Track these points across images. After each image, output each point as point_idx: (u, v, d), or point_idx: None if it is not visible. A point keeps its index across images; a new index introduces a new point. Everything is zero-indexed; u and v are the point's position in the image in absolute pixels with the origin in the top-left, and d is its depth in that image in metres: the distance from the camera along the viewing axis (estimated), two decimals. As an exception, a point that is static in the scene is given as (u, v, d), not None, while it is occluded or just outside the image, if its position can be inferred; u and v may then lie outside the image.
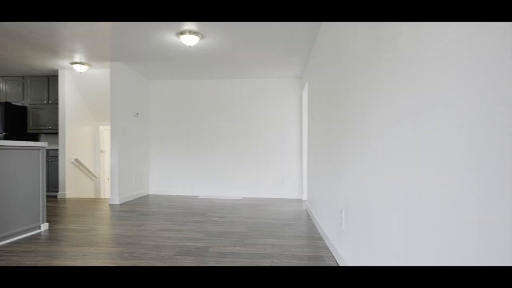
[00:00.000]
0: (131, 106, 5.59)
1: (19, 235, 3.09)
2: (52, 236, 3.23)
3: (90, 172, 6.41)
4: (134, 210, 4.65)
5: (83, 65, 5.15)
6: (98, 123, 6.75)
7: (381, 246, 1.58)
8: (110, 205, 5.09)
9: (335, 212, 2.74)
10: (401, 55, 1.35)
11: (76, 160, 5.94)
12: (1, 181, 2.86)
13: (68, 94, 5.77)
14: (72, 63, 5.13)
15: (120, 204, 5.13)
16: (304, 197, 5.92)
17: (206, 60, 5.00)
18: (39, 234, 3.28)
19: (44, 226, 3.42)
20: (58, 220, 3.97)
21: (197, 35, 3.92)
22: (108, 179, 7.43)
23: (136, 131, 5.79)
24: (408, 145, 1.28)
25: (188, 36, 3.87)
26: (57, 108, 5.94)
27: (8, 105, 5.69)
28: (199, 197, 6.09)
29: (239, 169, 6.23)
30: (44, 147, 3.37)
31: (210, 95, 6.30)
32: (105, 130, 7.12)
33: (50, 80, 5.97)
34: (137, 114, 5.82)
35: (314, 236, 3.32)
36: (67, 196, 5.77)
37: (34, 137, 6.28)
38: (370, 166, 1.76)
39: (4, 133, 5.59)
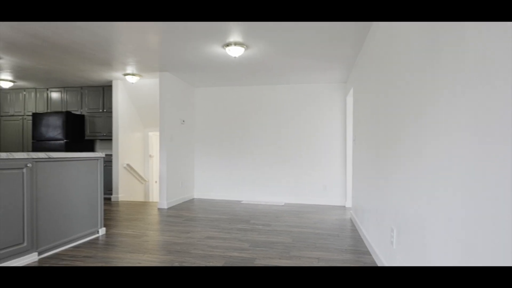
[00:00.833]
0: (177, 113, 5.81)
1: (80, 239, 3.35)
2: (109, 241, 3.46)
3: (140, 176, 6.76)
4: (181, 215, 4.83)
5: (134, 76, 5.45)
6: (147, 129, 7.10)
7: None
8: (158, 209, 5.33)
9: (384, 227, 2.64)
10: (466, 58, 1.27)
11: (128, 165, 6.30)
12: (66, 189, 3.12)
13: (121, 103, 6.15)
14: (125, 74, 5.45)
15: (168, 209, 5.36)
16: (348, 204, 5.78)
17: (250, 68, 5.07)
18: (97, 238, 3.53)
19: (102, 231, 3.67)
20: (113, 224, 4.24)
21: (242, 46, 3.98)
22: (156, 182, 7.80)
23: (182, 138, 6.01)
24: (473, 162, 1.20)
25: (234, 47, 3.95)
26: (111, 116, 6.34)
27: (68, 114, 6.18)
28: (242, 202, 6.18)
29: (282, 174, 6.23)
30: (102, 157, 3.61)
31: (253, 101, 6.37)
32: (153, 136, 7.47)
33: (105, 90, 6.39)
34: (183, 121, 6.04)
35: (361, 250, 3.23)
36: (120, 199, 6.14)
37: (91, 143, 6.76)
38: (426, 183, 1.68)
39: (65, 140, 6.08)
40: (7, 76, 5.64)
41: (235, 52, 4.00)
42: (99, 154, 3.56)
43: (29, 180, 2.68)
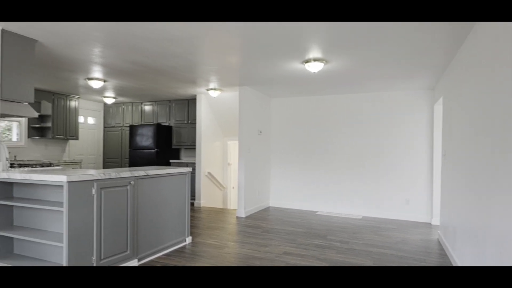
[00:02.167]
0: (255, 125, 6.01)
1: (171, 247, 3.69)
2: (195, 250, 3.74)
3: (219, 183, 7.16)
4: (258, 226, 4.98)
5: (216, 91, 5.80)
6: (226, 138, 7.48)
7: None
8: (237, 217, 5.58)
9: (488, 255, 2.37)
10: None
11: (209, 173, 6.72)
12: (160, 202, 3.47)
13: (203, 114, 6.60)
14: (208, 89, 5.84)
15: (246, 218, 5.57)
16: (435, 221, 5.31)
17: (328, 79, 5.00)
18: (184, 247, 3.85)
19: (188, 240, 3.99)
20: (198, 232, 4.56)
21: (322, 62, 3.95)
22: (233, 187, 8.16)
23: (259, 148, 6.19)
24: None
25: (313, 63, 3.94)
26: (194, 127, 6.84)
27: (159, 126, 6.84)
28: (317, 213, 6.12)
29: (359, 185, 6.01)
30: (190, 171, 3.93)
31: (330, 110, 6.26)
32: (231, 144, 7.83)
33: (190, 103, 6.92)
34: (260, 132, 6.22)
35: (453, 283, 2.95)
36: (202, 205, 6.59)
37: (177, 152, 7.37)
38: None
39: (156, 149, 6.74)
40: (110, 94, 6.49)
41: (314, 67, 3.99)
42: (187, 169, 3.88)
43: (131, 195, 3.05)
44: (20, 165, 3.70)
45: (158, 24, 2.88)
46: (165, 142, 7.02)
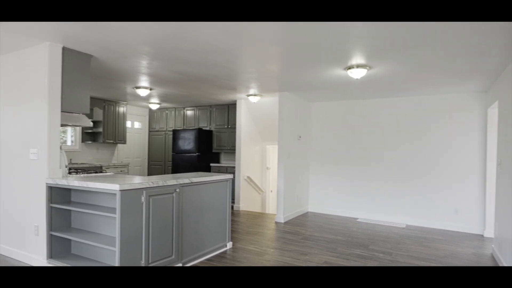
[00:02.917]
0: (294, 130, 5.99)
1: (212, 252, 3.79)
2: (235, 256, 3.81)
3: (257, 187, 7.22)
4: (297, 232, 4.96)
5: (256, 96, 5.86)
6: (265, 143, 7.53)
7: None
8: (276, 223, 5.59)
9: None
10: None
11: (248, 177, 6.80)
12: (203, 207, 3.58)
13: (243, 119, 6.70)
14: (248, 95, 5.92)
15: (284, 223, 5.57)
16: (488, 233, 4.95)
17: (371, 84, 4.87)
18: (225, 252, 3.93)
19: (229, 245, 4.07)
20: (238, 237, 4.64)
21: (365, 68, 3.85)
22: (272, 191, 8.18)
23: (298, 153, 6.16)
24: None
25: (356, 70, 3.85)
26: (234, 131, 6.96)
27: (200, 130, 7.05)
28: (358, 220, 5.96)
29: (403, 192, 5.76)
30: (231, 178, 4.02)
31: (372, 114, 6.08)
32: (270, 148, 7.86)
33: (230, 108, 7.06)
34: (299, 137, 6.19)
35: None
36: (241, 208, 6.68)
37: (217, 155, 7.55)
38: None
39: (197, 153, 6.95)
40: (155, 100, 6.80)
41: (357, 74, 3.90)
42: (228, 176, 3.97)
43: (177, 201, 3.18)
44: (76, 170, 3.99)
45: (202, 37, 2.97)
46: (206, 146, 7.21)
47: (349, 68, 3.88)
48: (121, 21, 2.61)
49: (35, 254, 3.28)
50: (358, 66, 3.81)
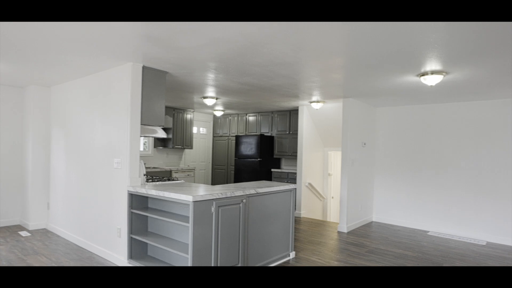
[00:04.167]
0: (359, 136, 5.79)
1: (275, 261, 3.83)
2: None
3: (319, 193, 7.12)
4: (362, 244, 4.78)
5: (319, 103, 5.79)
6: (327, 148, 7.39)
7: None
8: (338, 232, 5.46)
9: None
10: None
11: (310, 184, 6.74)
12: (267, 217, 3.64)
13: (305, 125, 6.66)
14: (310, 102, 5.87)
15: (348, 233, 5.41)
16: None
17: (446, 89, 4.51)
18: (288, 262, 3.94)
19: (292, 254, 4.08)
20: (300, 247, 4.62)
21: (441, 74, 3.58)
22: (333, 197, 8.00)
23: (362, 160, 5.94)
24: None
25: (430, 76, 3.60)
26: (295, 137, 6.95)
27: (262, 136, 7.17)
28: (429, 233, 5.55)
29: (482, 204, 5.22)
30: (294, 188, 4.03)
31: (446, 119, 5.62)
32: (332, 154, 7.70)
33: (291, 114, 7.07)
34: (364, 144, 5.96)
35: None
36: (302, 215, 6.65)
37: (278, 161, 7.60)
38: None
39: (258, 159, 7.08)
40: (220, 107, 7.08)
41: (431, 80, 3.64)
42: (292, 185, 3.98)
43: (243, 211, 3.28)
44: (152, 177, 4.32)
45: (271, 53, 3.03)
46: (267, 151, 7.30)
47: (423, 74, 3.64)
48: (196, 45, 2.78)
49: (117, 254, 3.63)
50: (433, 72, 3.56)
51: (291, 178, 6.90)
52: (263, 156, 7.17)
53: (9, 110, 5.17)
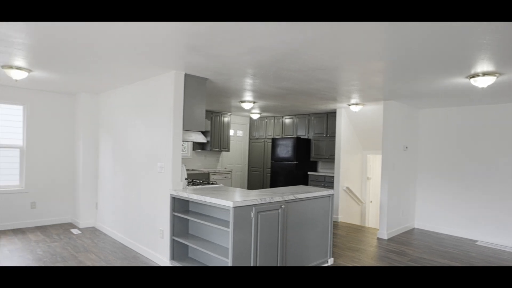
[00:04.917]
0: (400, 140, 5.58)
1: (315, 267, 3.80)
2: (339, 274, 3.74)
3: (357, 197, 6.94)
4: (403, 253, 4.60)
5: (358, 106, 5.65)
6: (366, 152, 7.19)
7: None
8: (378, 239, 5.29)
9: None
10: None
11: (348, 188, 6.60)
12: (305, 222, 3.61)
13: (343, 128, 6.54)
14: (349, 104, 5.74)
15: (388, 240, 5.23)
16: None
17: (499, 91, 4.23)
18: (328, 268, 3.89)
19: (330, 261, 4.02)
20: (339, 253, 4.53)
21: (493, 75, 3.36)
22: (371, 201, 7.77)
23: (403, 164, 5.72)
24: None
25: (481, 78, 3.39)
26: (333, 140, 6.83)
27: (298, 139, 7.12)
28: (477, 242, 5.22)
29: (541, 218, 4.83)
30: (333, 194, 3.97)
31: (498, 121, 5.24)
32: (371, 158, 7.48)
33: (329, 116, 6.96)
34: (406, 147, 5.73)
35: None
36: (339, 220, 6.52)
37: (314, 164, 7.52)
38: None
39: (295, 161, 7.04)
40: (256, 111, 7.14)
41: (483, 82, 3.43)
42: (330, 191, 3.92)
43: (282, 217, 3.29)
44: (192, 180, 4.45)
45: (309, 59, 3.01)
46: (304, 154, 7.24)
47: (473, 76, 3.44)
48: (236, 53, 2.83)
49: (160, 254, 3.79)
50: (484, 74, 3.35)
51: (328, 181, 6.79)
52: (299, 159, 7.13)
53: (63, 116, 5.57)
